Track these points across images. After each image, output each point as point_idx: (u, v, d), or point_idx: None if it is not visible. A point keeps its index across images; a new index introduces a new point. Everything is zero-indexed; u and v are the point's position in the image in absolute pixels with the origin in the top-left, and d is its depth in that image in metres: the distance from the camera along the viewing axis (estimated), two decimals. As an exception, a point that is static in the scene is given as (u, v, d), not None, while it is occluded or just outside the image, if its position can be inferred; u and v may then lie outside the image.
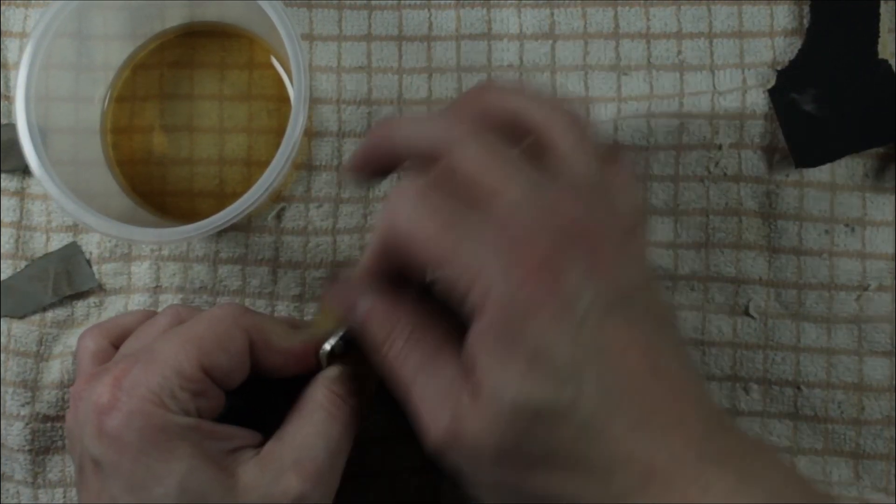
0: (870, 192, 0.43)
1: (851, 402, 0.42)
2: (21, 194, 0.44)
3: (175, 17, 0.44)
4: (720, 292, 0.43)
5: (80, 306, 0.43)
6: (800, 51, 0.43)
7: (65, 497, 0.43)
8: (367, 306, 0.33)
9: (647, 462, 0.28)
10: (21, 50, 0.42)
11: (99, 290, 0.43)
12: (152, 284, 0.43)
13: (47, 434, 0.42)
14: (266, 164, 0.38)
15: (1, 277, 0.43)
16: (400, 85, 0.44)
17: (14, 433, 0.42)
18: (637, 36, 0.44)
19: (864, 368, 0.43)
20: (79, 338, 0.39)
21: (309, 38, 0.44)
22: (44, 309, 0.43)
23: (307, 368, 0.37)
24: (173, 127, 0.44)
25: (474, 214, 0.30)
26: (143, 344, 0.36)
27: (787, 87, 0.42)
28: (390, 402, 0.42)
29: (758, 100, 0.43)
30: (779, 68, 0.43)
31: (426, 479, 0.42)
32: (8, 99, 0.44)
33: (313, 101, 0.44)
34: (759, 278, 0.43)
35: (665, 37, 0.44)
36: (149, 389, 0.32)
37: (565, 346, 0.29)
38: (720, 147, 0.43)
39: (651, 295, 0.32)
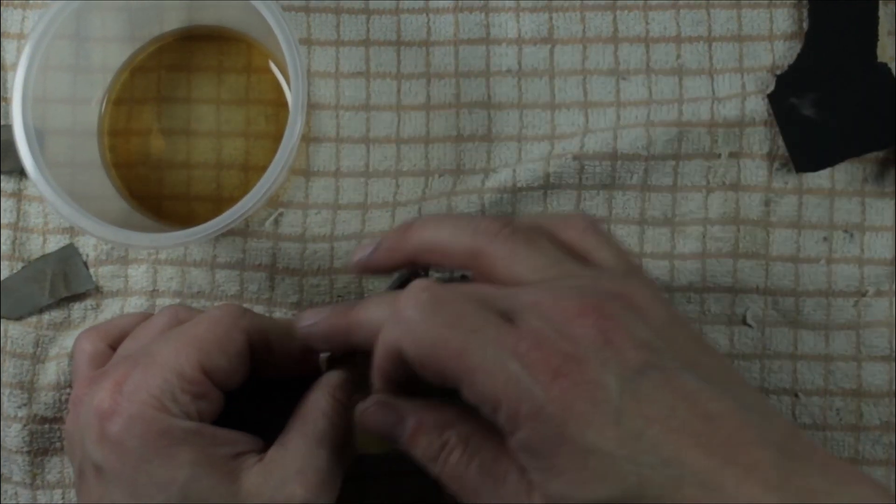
0: (869, 196, 0.43)
1: (850, 409, 0.42)
2: (18, 195, 0.44)
3: (174, 21, 0.44)
4: (717, 303, 0.43)
5: (77, 308, 0.43)
6: (799, 55, 0.43)
7: (63, 498, 0.43)
8: (415, 419, 0.32)
9: None
10: (19, 51, 0.42)
11: (96, 292, 0.43)
12: (149, 288, 0.43)
13: (45, 435, 0.42)
14: (263, 168, 0.38)
15: (-2, 279, 0.43)
16: (398, 90, 0.44)
17: (12, 435, 0.42)
18: (636, 40, 0.44)
19: (862, 374, 0.42)
20: (75, 340, 0.38)
21: (307, 42, 0.44)
22: (40, 311, 0.43)
23: (308, 370, 0.37)
24: (171, 130, 0.44)
25: (490, 328, 0.30)
26: (141, 345, 0.36)
27: (787, 92, 0.42)
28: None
29: (757, 107, 0.43)
30: (778, 72, 0.43)
31: (427, 482, 0.42)
32: (5, 100, 0.44)
33: (311, 106, 0.43)
34: (757, 287, 0.42)
35: (664, 41, 0.44)
36: (149, 393, 0.32)
37: (611, 439, 0.28)
38: (719, 156, 0.43)
39: (676, 337, 0.31)
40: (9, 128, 0.39)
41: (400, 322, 0.30)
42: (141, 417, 0.32)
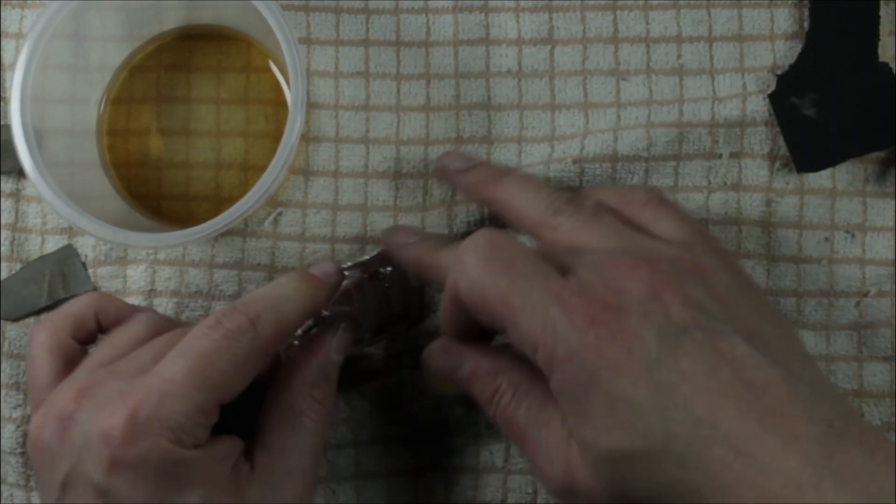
0: (871, 196, 0.43)
1: (850, 409, 0.42)
2: (17, 196, 0.44)
3: (172, 20, 0.44)
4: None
5: (76, 310, 0.43)
6: (800, 54, 0.43)
7: (59, 500, 0.42)
8: (471, 365, 0.34)
9: (760, 487, 0.27)
10: (17, 51, 0.42)
11: (94, 293, 0.43)
12: (147, 288, 0.43)
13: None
14: (263, 168, 0.38)
15: (-4, 280, 0.43)
16: (398, 91, 0.44)
17: (6, 436, 0.42)
18: (636, 40, 0.44)
19: (863, 374, 0.42)
20: (30, 334, 0.37)
21: (306, 42, 0.44)
22: (39, 311, 0.43)
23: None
24: (170, 130, 0.44)
25: (538, 275, 0.31)
26: (120, 353, 0.35)
27: (788, 92, 0.42)
28: (386, 403, 0.42)
29: (758, 107, 0.43)
30: (779, 72, 0.43)
31: (423, 481, 0.42)
32: (4, 100, 0.44)
33: (310, 106, 0.43)
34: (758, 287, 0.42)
35: (664, 40, 0.44)
36: (167, 427, 0.31)
37: (642, 389, 0.29)
38: (720, 156, 0.43)
39: (739, 300, 0.32)
40: (7, 128, 0.39)
41: (458, 265, 0.33)
42: (157, 449, 0.31)
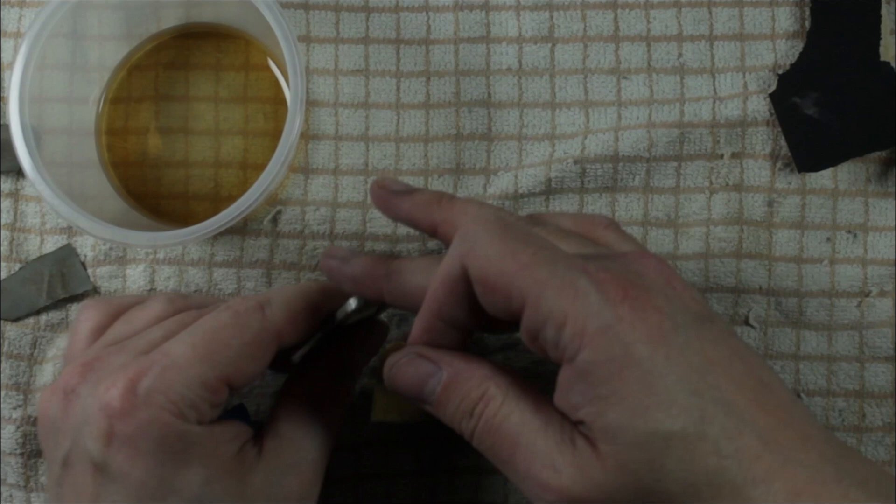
0: (872, 196, 0.43)
1: (852, 410, 0.42)
2: (15, 195, 0.44)
3: (171, 18, 0.44)
4: (719, 303, 0.42)
5: (75, 310, 0.43)
6: (801, 54, 0.43)
7: (57, 500, 0.42)
8: (451, 371, 0.31)
9: (789, 481, 0.27)
10: (15, 50, 0.42)
11: (93, 293, 0.43)
12: (146, 287, 0.43)
13: (38, 437, 0.42)
14: (262, 167, 0.38)
15: (-5, 280, 0.43)
16: (398, 88, 0.44)
17: (6, 436, 0.42)
18: (637, 38, 0.44)
19: (865, 375, 0.42)
20: (80, 308, 0.37)
21: (306, 39, 0.44)
22: (38, 312, 0.43)
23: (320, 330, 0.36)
24: (168, 129, 0.44)
25: (559, 250, 0.29)
26: (134, 330, 0.35)
27: (789, 91, 0.42)
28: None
29: (759, 107, 0.42)
30: (780, 71, 0.43)
31: (422, 483, 0.42)
32: (2, 99, 0.44)
33: (310, 104, 0.43)
34: (760, 287, 0.42)
35: (665, 39, 0.44)
36: (168, 399, 0.31)
37: (678, 367, 0.27)
38: (722, 157, 0.42)
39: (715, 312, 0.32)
40: (6, 127, 0.39)
41: (466, 239, 0.30)
42: (157, 422, 0.31)
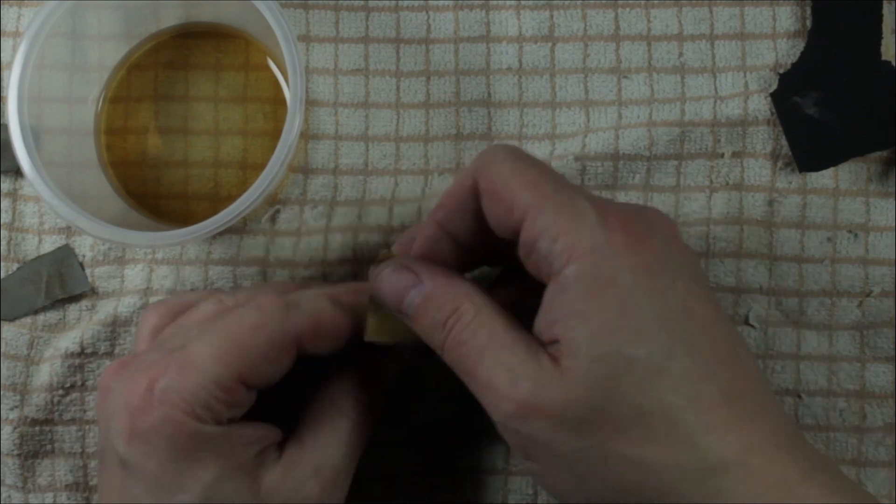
0: (873, 196, 0.43)
1: (853, 410, 0.42)
2: (14, 195, 0.44)
3: (170, 18, 0.44)
4: (720, 302, 0.42)
5: (73, 310, 0.43)
6: (802, 53, 0.43)
7: (55, 500, 0.42)
8: (430, 284, 0.32)
9: (744, 437, 0.28)
10: (14, 49, 0.41)
11: (92, 293, 0.43)
12: (143, 286, 0.42)
13: (36, 438, 0.42)
14: (262, 166, 0.38)
15: (-7, 280, 0.43)
16: (398, 88, 0.44)
17: (4, 437, 0.42)
18: (638, 38, 0.44)
19: (866, 375, 0.42)
20: (143, 312, 0.38)
21: (305, 39, 0.44)
22: (35, 312, 0.43)
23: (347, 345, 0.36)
24: (168, 129, 0.43)
25: (565, 181, 0.31)
26: (181, 330, 0.35)
27: (790, 91, 0.42)
28: (389, 403, 0.42)
29: (760, 106, 0.42)
30: (781, 71, 0.43)
31: (423, 483, 0.42)
32: (1, 99, 0.44)
33: (310, 104, 0.43)
34: (760, 287, 0.42)
35: (666, 39, 0.44)
36: (182, 398, 0.31)
37: (656, 303, 0.28)
38: (722, 156, 0.42)
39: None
40: (5, 127, 0.39)
41: (484, 156, 0.32)
42: (171, 420, 0.31)
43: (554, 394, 0.28)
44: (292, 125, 0.38)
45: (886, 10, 0.42)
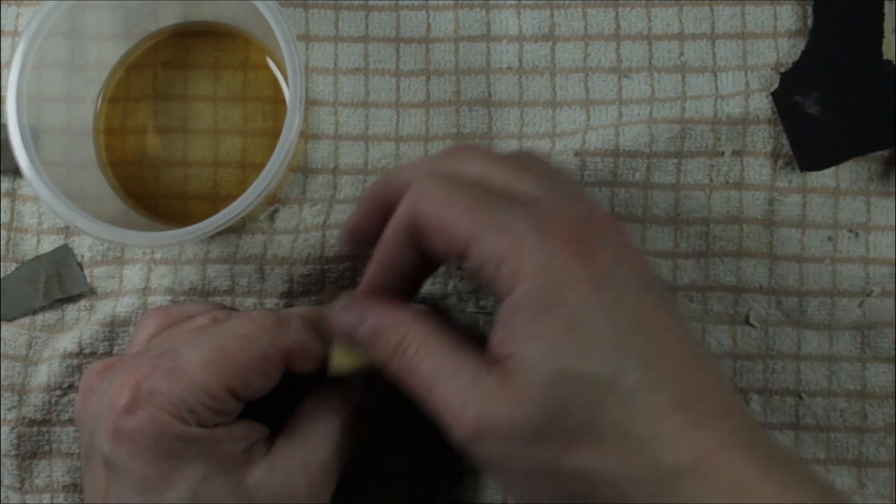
0: (874, 195, 0.43)
1: (854, 410, 0.42)
2: (12, 195, 0.44)
3: (169, 17, 0.43)
4: (719, 302, 0.42)
5: (71, 310, 0.43)
6: (803, 52, 0.42)
7: (52, 501, 0.42)
8: (376, 318, 0.32)
9: (698, 442, 0.28)
10: (13, 49, 0.41)
11: (90, 293, 0.43)
12: (141, 286, 0.42)
13: (33, 439, 0.42)
14: (261, 166, 0.38)
15: (-8, 280, 0.43)
16: (398, 87, 0.43)
17: (1, 438, 0.42)
18: (638, 37, 0.43)
19: (866, 375, 0.42)
20: (142, 318, 0.38)
21: (305, 38, 0.44)
22: (34, 312, 0.43)
23: None
24: (167, 128, 0.43)
25: (500, 198, 0.30)
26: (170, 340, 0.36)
27: (791, 90, 0.42)
28: (386, 404, 0.42)
29: (761, 104, 0.42)
30: (782, 70, 0.42)
31: (420, 484, 0.42)
32: (0, 99, 0.44)
33: (309, 103, 0.43)
34: (760, 286, 0.42)
35: (667, 38, 0.43)
36: (168, 401, 0.32)
37: (604, 319, 0.28)
38: (723, 154, 0.42)
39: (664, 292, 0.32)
40: (3, 126, 0.39)
41: (416, 191, 0.31)
42: (157, 420, 0.32)
43: (503, 413, 0.28)
44: (292, 125, 0.38)
45: (888, 9, 0.42)
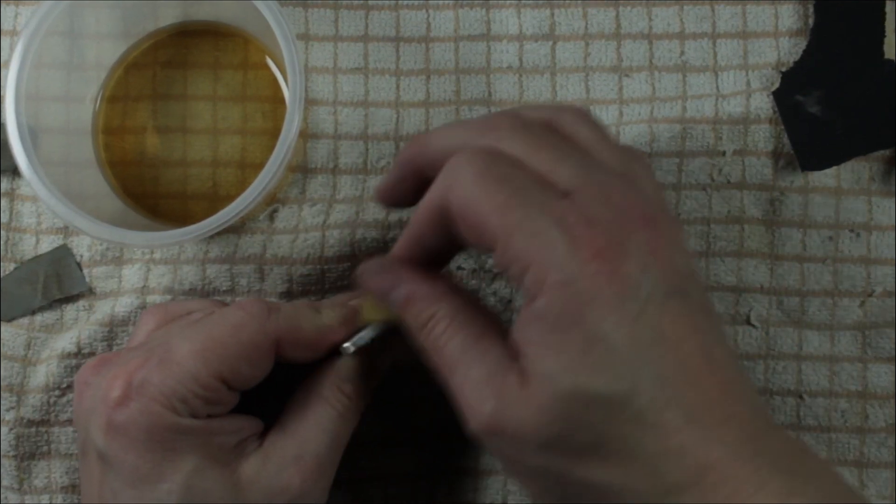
0: (876, 195, 0.43)
1: (855, 411, 0.42)
2: (11, 195, 0.43)
3: (168, 16, 0.43)
4: (720, 302, 0.42)
5: (70, 310, 0.43)
6: (804, 51, 0.42)
7: (51, 501, 0.42)
8: (409, 288, 0.32)
9: (701, 456, 0.28)
10: (12, 48, 0.41)
11: (89, 293, 0.43)
12: (140, 285, 0.42)
13: (32, 439, 0.42)
14: (260, 166, 0.38)
15: (-10, 280, 0.43)
16: (397, 87, 0.43)
17: (0, 438, 0.42)
18: (639, 36, 0.43)
19: (867, 375, 0.42)
20: (141, 314, 0.38)
21: (305, 38, 0.44)
22: (33, 312, 0.43)
23: (325, 355, 0.36)
24: (166, 128, 0.43)
25: (535, 190, 0.30)
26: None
27: (792, 90, 0.42)
28: (386, 404, 0.42)
29: (762, 104, 0.42)
30: (783, 69, 0.42)
31: (420, 485, 0.42)
32: (-1, 98, 0.44)
33: (309, 103, 0.43)
34: (761, 286, 0.42)
35: (667, 37, 0.43)
36: (160, 392, 0.32)
37: (624, 336, 0.28)
38: (724, 153, 0.42)
39: (699, 283, 0.31)
40: (2, 126, 0.39)
41: (450, 173, 0.30)
42: (148, 411, 0.32)
43: (516, 417, 0.28)
44: (291, 124, 0.38)
45: (889, 8, 0.42)
